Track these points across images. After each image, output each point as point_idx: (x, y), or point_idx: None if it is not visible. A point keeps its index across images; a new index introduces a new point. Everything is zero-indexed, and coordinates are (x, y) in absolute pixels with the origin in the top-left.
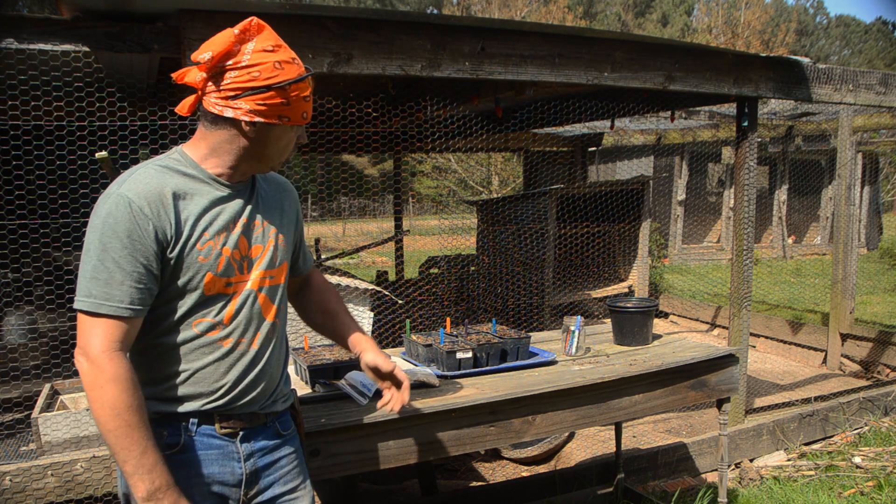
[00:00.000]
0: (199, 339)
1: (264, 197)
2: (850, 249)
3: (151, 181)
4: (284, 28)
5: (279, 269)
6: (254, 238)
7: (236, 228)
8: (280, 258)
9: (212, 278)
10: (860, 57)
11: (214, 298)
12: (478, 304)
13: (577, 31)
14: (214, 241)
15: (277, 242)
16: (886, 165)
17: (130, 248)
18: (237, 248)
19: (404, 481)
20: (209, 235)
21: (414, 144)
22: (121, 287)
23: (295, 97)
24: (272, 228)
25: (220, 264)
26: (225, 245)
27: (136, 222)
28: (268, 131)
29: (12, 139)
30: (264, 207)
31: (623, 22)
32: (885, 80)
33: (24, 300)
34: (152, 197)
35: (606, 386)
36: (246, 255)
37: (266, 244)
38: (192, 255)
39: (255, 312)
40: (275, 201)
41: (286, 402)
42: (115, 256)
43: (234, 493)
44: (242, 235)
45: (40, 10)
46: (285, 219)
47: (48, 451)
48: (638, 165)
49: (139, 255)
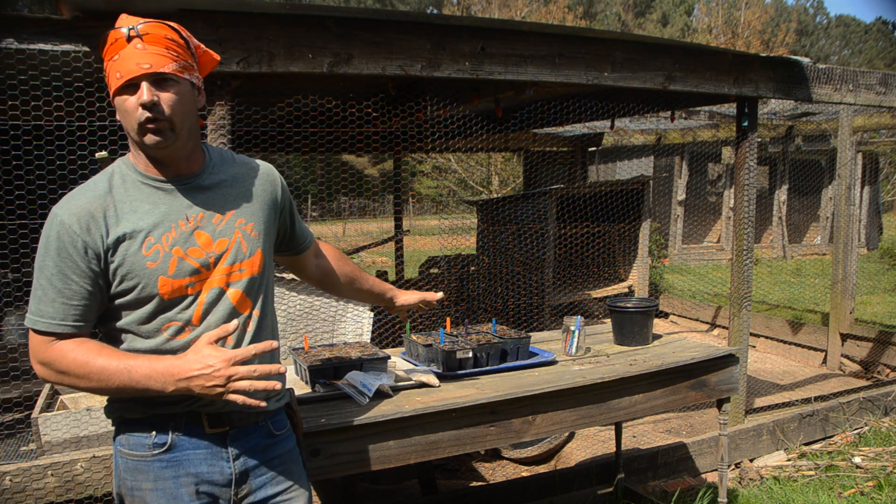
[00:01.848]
0: (172, 342)
1: (227, 186)
2: (850, 249)
3: (85, 196)
4: (284, 28)
5: (250, 261)
6: (215, 232)
7: (188, 225)
8: (250, 248)
9: (165, 281)
10: (860, 57)
11: (176, 301)
12: (478, 304)
13: (577, 31)
14: (161, 244)
15: (246, 232)
16: (886, 165)
17: (62, 265)
18: (192, 245)
19: (404, 481)
20: (154, 239)
21: (414, 144)
22: (52, 304)
23: (107, 64)
24: (238, 219)
25: (172, 266)
26: (175, 245)
27: (64, 240)
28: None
29: (12, 139)
30: (227, 197)
31: (623, 22)
32: (885, 80)
33: (24, 300)
34: (82, 213)
35: (606, 386)
36: (210, 252)
37: (231, 236)
38: (137, 261)
39: (228, 309)
40: (242, 188)
41: (279, 401)
42: (48, 275)
43: (223, 492)
44: (199, 230)
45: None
46: (255, 204)
47: (48, 451)
48: (638, 165)
49: (70, 273)
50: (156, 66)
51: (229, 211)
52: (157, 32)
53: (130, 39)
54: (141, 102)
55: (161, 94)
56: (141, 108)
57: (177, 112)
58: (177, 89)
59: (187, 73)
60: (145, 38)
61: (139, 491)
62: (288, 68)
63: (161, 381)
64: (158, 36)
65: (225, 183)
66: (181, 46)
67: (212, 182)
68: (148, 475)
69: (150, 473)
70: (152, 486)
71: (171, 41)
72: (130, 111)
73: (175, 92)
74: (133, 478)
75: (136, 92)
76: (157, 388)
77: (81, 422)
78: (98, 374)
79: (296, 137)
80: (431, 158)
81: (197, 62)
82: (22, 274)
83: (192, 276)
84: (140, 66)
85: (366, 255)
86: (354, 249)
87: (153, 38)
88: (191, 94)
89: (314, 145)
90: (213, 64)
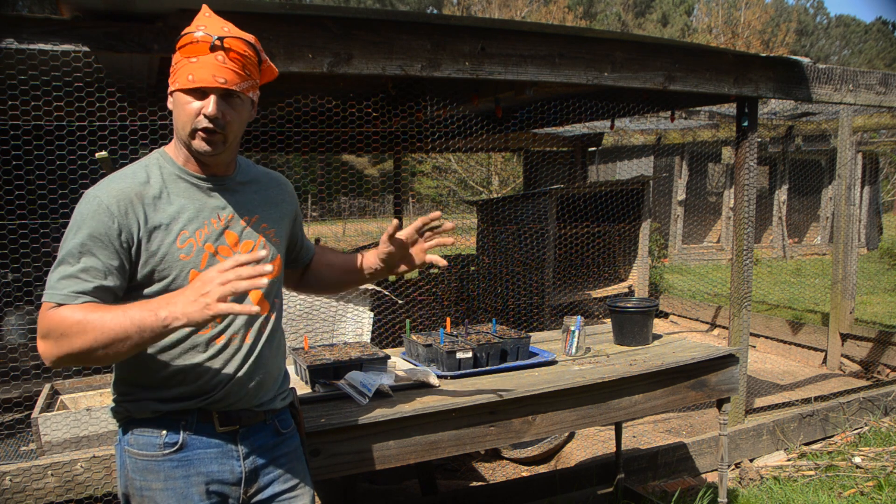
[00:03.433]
0: (191, 338)
1: (253, 191)
2: (850, 249)
3: (124, 181)
4: (284, 28)
5: (271, 264)
6: (243, 233)
7: (219, 223)
8: (272, 252)
9: (196, 275)
10: (860, 57)
11: None
12: (478, 304)
13: (577, 31)
14: (195, 238)
15: (269, 236)
16: (886, 165)
17: (90, 244)
18: (222, 243)
19: (404, 481)
20: (188, 233)
21: (414, 144)
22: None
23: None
24: (263, 223)
25: (204, 261)
26: (207, 242)
27: (102, 219)
28: (175, 100)
29: (12, 139)
30: (253, 202)
31: (623, 22)
32: (885, 80)
33: (24, 300)
34: (122, 196)
35: (606, 386)
36: (237, 251)
37: (256, 239)
38: (172, 253)
39: None
40: (266, 195)
41: (285, 399)
42: (74, 250)
43: (233, 491)
44: (229, 230)
45: (40, 10)
46: (277, 213)
47: (48, 451)
48: (638, 165)
49: (98, 252)
50: (230, 83)
51: (255, 215)
52: (239, 48)
53: (214, 49)
54: (207, 114)
55: (225, 108)
56: (202, 117)
57: (233, 127)
58: (240, 106)
59: (252, 91)
60: (228, 53)
61: (149, 491)
62: (288, 68)
63: (154, 307)
64: (239, 51)
65: (251, 189)
66: (253, 64)
67: (242, 186)
68: (158, 475)
69: (161, 473)
70: (163, 485)
71: (247, 58)
72: (190, 114)
73: (237, 108)
74: (142, 478)
75: (201, 98)
76: (150, 320)
77: (81, 422)
78: (96, 323)
79: (296, 137)
80: (431, 158)
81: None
82: (22, 274)
83: None
84: (216, 80)
85: None
86: (354, 249)
87: (234, 53)
88: (249, 110)
89: (314, 145)
90: (272, 76)
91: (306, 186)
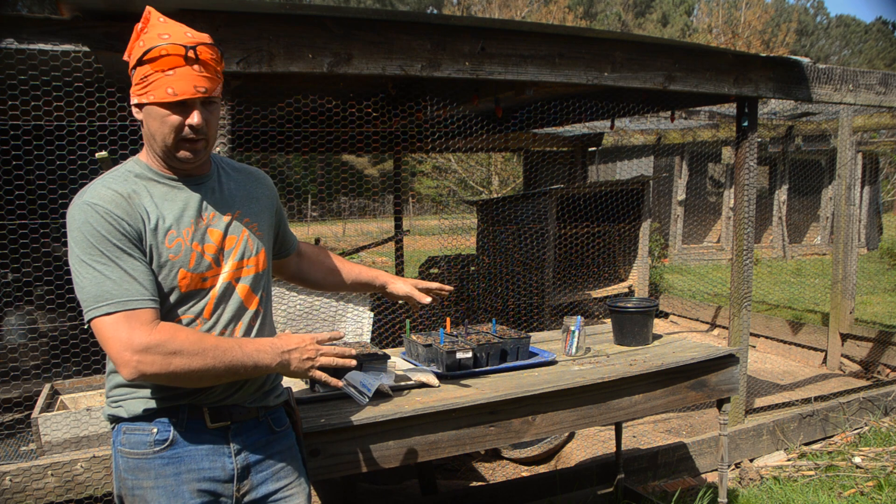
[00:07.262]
0: None
1: (233, 188)
2: (850, 249)
3: (113, 185)
4: (284, 28)
5: (256, 258)
6: (227, 229)
7: (202, 222)
8: (256, 246)
9: (185, 274)
10: (860, 57)
11: (192, 294)
12: (478, 304)
13: (577, 31)
14: (182, 238)
15: (252, 231)
16: (886, 165)
17: (108, 250)
18: (208, 241)
19: (404, 481)
20: (176, 233)
21: (414, 144)
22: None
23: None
24: (245, 218)
25: (192, 260)
26: (194, 240)
27: (110, 221)
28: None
29: (12, 139)
30: (234, 198)
31: (623, 22)
32: (885, 80)
33: (24, 300)
34: (117, 197)
35: (606, 386)
36: (220, 248)
37: (239, 234)
38: (163, 252)
39: (237, 303)
40: (245, 191)
41: (279, 397)
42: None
43: (225, 488)
44: (212, 228)
45: (40, 10)
46: (257, 207)
47: (48, 451)
48: (638, 165)
49: (127, 249)
50: (210, 91)
51: (237, 211)
52: (208, 54)
53: (188, 61)
54: (193, 125)
55: (206, 115)
56: (188, 128)
57: (213, 130)
58: (216, 109)
59: (220, 92)
60: (201, 62)
61: (140, 490)
62: (288, 68)
63: (270, 353)
64: (210, 59)
65: (230, 185)
66: (219, 64)
67: (219, 184)
68: (149, 473)
69: (151, 471)
70: (153, 483)
71: (216, 61)
72: (172, 126)
73: (214, 112)
74: (133, 477)
75: (182, 109)
76: (266, 361)
77: (81, 422)
78: (213, 350)
79: (296, 137)
80: (431, 158)
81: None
82: (22, 274)
83: (208, 270)
84: (198, 90)
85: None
86: (354, 249)
87: (206, 60)
88: (219, 110)
89: (314, 145)
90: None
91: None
